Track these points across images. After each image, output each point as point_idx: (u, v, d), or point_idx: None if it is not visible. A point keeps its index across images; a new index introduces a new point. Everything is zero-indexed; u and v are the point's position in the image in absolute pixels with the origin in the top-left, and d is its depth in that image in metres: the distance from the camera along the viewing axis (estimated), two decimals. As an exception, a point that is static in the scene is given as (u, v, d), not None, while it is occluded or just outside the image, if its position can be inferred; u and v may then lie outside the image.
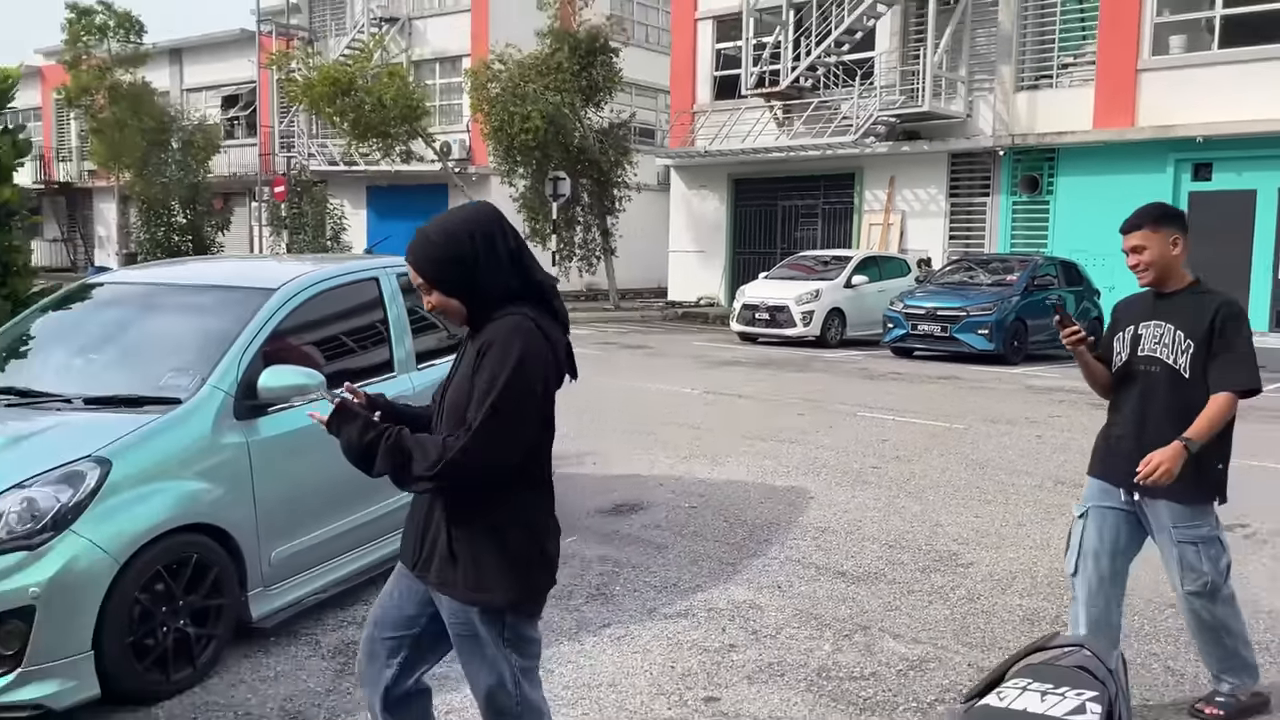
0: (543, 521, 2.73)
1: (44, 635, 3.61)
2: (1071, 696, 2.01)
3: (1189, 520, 3.75)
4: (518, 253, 2.67)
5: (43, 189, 38.70)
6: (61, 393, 4.49)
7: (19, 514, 3.68)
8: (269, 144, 33.67)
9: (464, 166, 28.46)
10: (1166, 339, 3.76)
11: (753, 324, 18.73)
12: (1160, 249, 3.75)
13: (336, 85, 23.96)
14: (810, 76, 23.44)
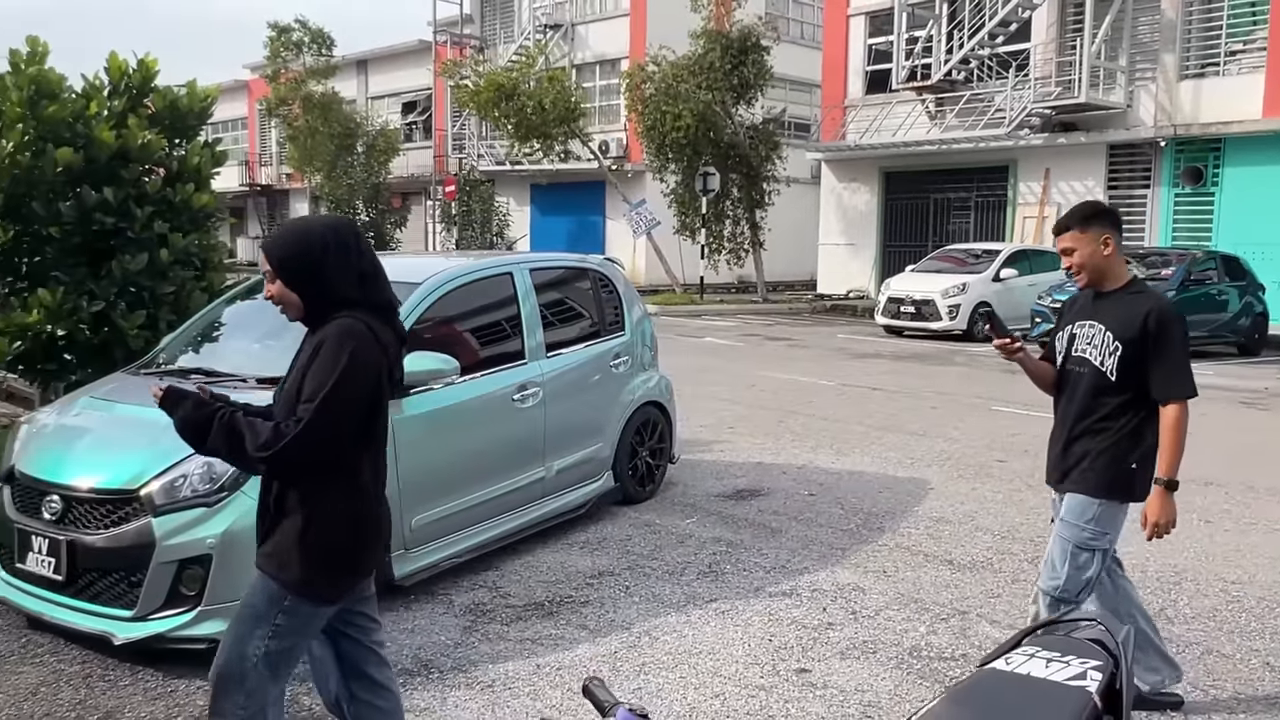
0: (357, 513, 2.79)
1: (218, 580, 4.10)
2: (1075, 665, 2.11)
3: (1078, 516, 3.56)
4: (371, 272, 2.78)
5: (247, 191, 41.55)
6: (239, 373, 5.02)
7: (200, 475, 4.20)
8: (443, 146, 35.14)
9: (620, 164, 28.99)
10: (1096, 340, 3.55)
11: (898, 317, 18.48)
12: (1090, 249, 3.54)
13: (501, 91, 24.85)
14: (963, 69, 22.88)
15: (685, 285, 26.04)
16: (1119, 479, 3.52)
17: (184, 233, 7.03)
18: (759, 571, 5.50)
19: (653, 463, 6.82)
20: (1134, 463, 3.52)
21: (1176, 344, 3.45)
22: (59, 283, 6.66)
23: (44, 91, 6.66)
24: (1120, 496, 3.56)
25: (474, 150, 33.80)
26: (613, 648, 4.46)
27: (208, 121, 7.87)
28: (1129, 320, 3.47)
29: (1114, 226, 3.57)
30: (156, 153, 7.00)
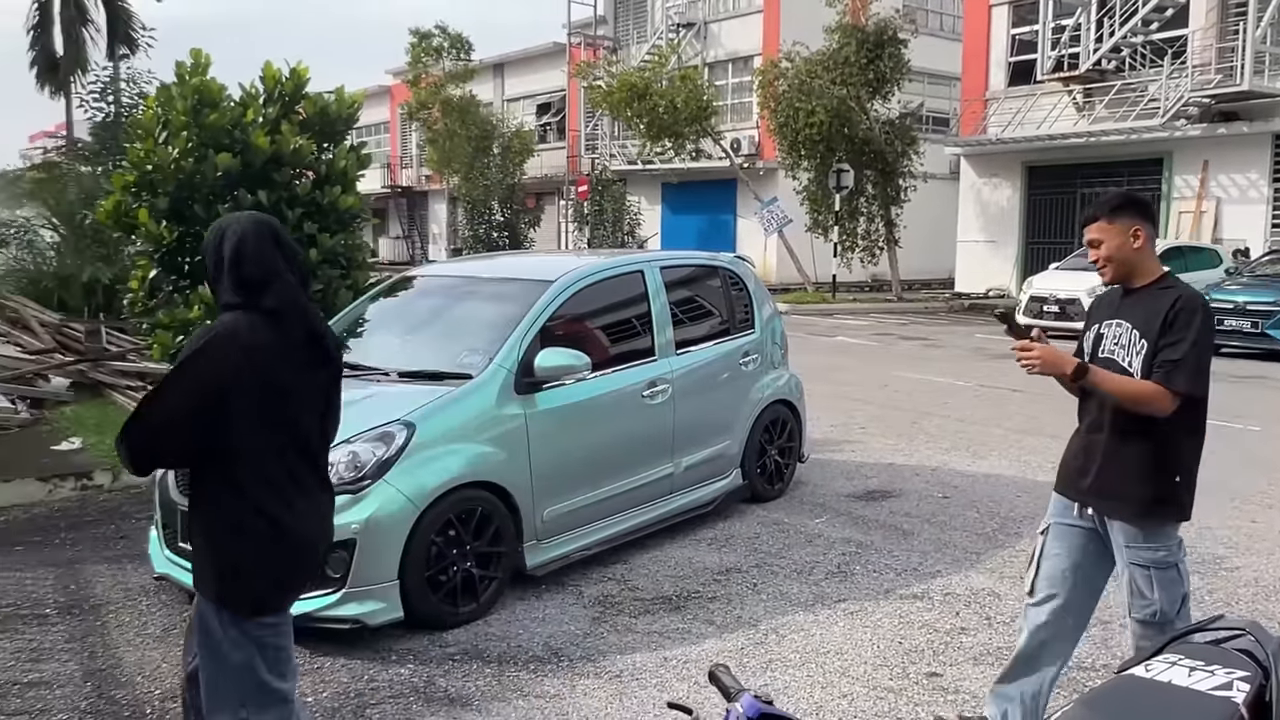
0: (241, 524, 2.66)
1: (362, 564, 4.31)
2: (1220, 674, 2.02)
3: (1140, 541, 3.23)
4: (259, 276, 2.65)
5: (388, 192, 43.07)
6: (382, 367, 5.25)
7: (346, 463, 4.41)
8: (576, 147, 35.68)
9: (752, 162, 28.86)
10: (1124, 340, 3.24)
11: (1040, 316, 17.76)
12: (1118, 242, 3.22)
13: (633, 90, 25.07)
14: (1113, 58, 21.91)
15: (817, 283, 25.75)
16: (1162, 496, 3.20)
17: (331, 233, 7.37)
18: (889, 573, 5.42)
19: (781, 461, 6.80)
20: (1177, 475, 3.20)
21: (1192, 335, 3.08)
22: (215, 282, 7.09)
23: (206, 100, 7.10)
24: (1174, 515, 3.25)
25: (606, 150, 34.21)
26: (739, 644, 4.48)
27: (354, 126, 8.24)
28: (1155, 315, 3.16)
29: (1145, 217, 3.27)
30: (307, 157, 7.36)
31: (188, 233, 7.15)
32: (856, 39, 23.47)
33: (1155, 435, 3.17)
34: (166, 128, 7.23)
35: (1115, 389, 3.15)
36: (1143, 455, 3.19)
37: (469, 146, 32.96)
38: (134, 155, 7.26)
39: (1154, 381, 3.09)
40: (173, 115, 7.14)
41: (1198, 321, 3.10)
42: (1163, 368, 3.09)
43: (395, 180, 43.79)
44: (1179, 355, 3.07)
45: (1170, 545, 3.23)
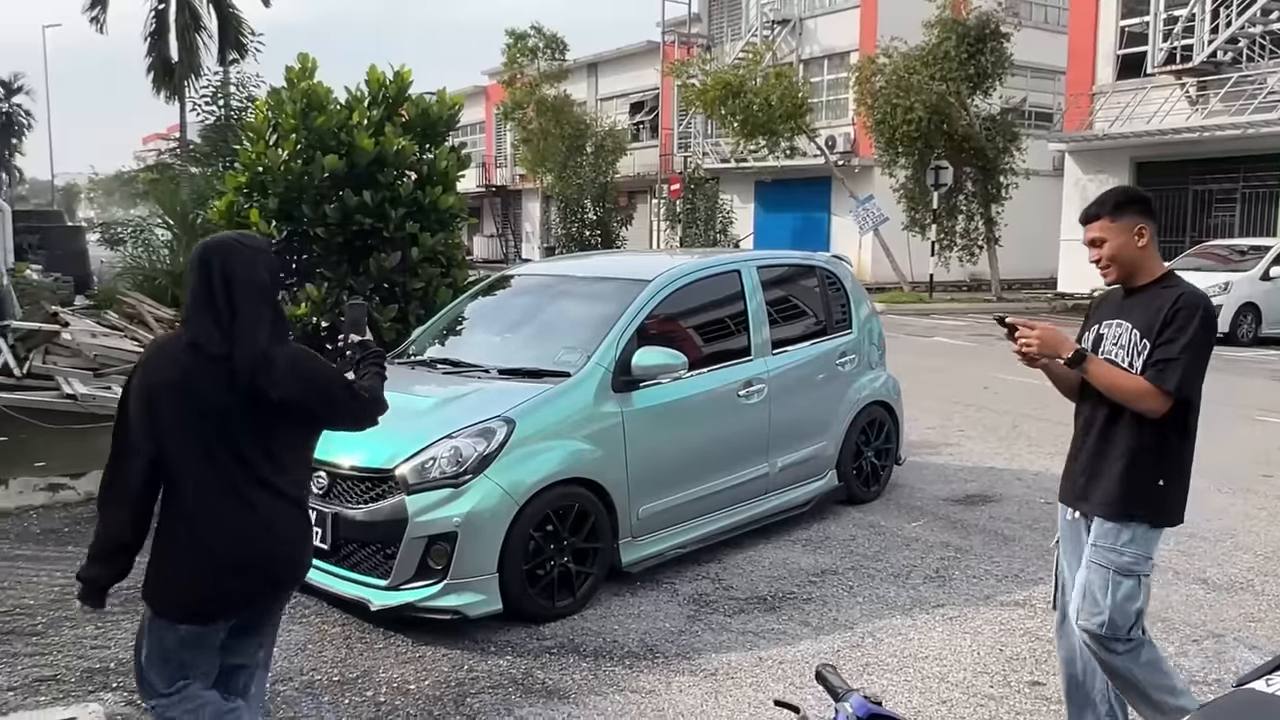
0: (163, 533, 2.77)
1: (463, 557, 4.42)
2: None
3: (1109, 541, 3.14)
4: (197, 297, 2.75)
5: (483, 191, 43.78)
6: (482, 364, 5.37)
7: (448, 458, 4.53)
8: (669, 145, 35.74)
9: (848, 159, 28.50)
10: (1124, 340, 3.15)
11: (1147, 318, 17.24)
12: (1122, 240, 3.13)
13: (727, 88, 24.98)
14: (1230, 49, 21.04)
15: (913, 283, 25.32)
16: (1146, 498, 3.12)
17: (432, 232, 7.54)
18: (990, 579, 5.33)
19: (878, 463, 6.73)
20: (1161, 479, 3.12)
21: (1188, 335, 3.00)
22: (324, 279, 7.31)
23: (314, 104, 7.34)
24: (1150, 519, 3.15)
25: (699, 148, 34.17)
26: (836, 645, 4.46)
27: (454, 128, 8.40)
28: (1155, 314, 3.07)
29: (1149, 215, 3.18)
30: (409, 158, 7.54)
31: (295, 232, 7.40)
32: (957, 33, 23.00)
33: (1143, 436, 3.10)
34: (276, 130, 7.49)
35: (1108, 382, 3.08)
36: (1127, 455, 3.12)
37: (562, 146, 33.26)
38: (245, 157, 7.54)
39: (1147, 379, 3.02)
40: (282, 118, 7.38)
41: (1196, 322, 3.01)
42: (1156, 365, 3.03)
43: (490, 179, 44.46)
44: (1173, 355, 3.00)
45: (1138, 553, 3.13)
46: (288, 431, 2.83)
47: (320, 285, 7.22)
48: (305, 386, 2.78)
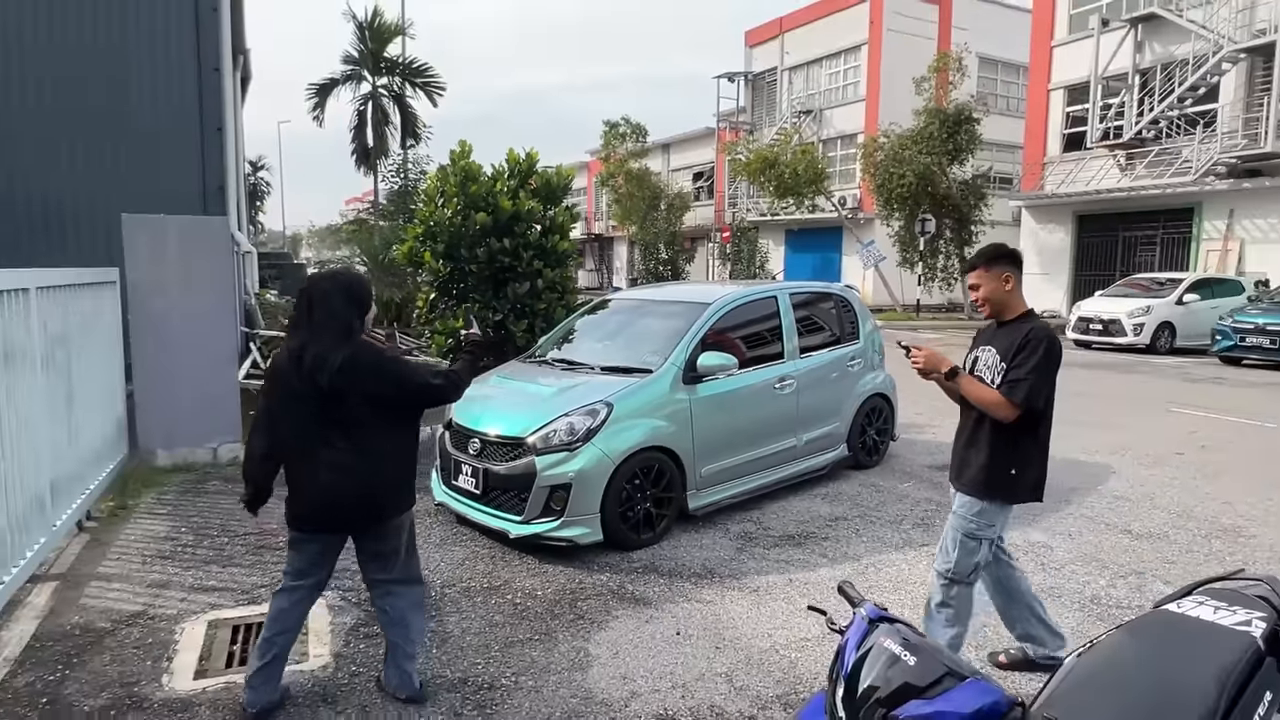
0: (289, 478, 2.96)
1: (575, 501, 4.49)
2: (1241, 613, 1.89)
3: (967, 510, 3.11)
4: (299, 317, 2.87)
5: (586, 238, 44.07)
6: (589, 363, 5.45)
7: (566, 430, 4.61)
8: (721, 203, 35.55)
9: (854, 214, 28.06)
10: (988, 362, 3.07)
11: (1087, 333, 16.60)
12: (993, 285, 3.07)
13: (765, 162, 24.79)
14: (1153, 129, 20.16)
15: (904, 305, 24.82)
16: (1000, 483, 3.06)
17: (551, 268, 7.66)
18: (962, 527, 5.23)
19: (878, 439, 6.64)
20: (1013, 469, 3.04)
21: (1035, 360, 2.92)
22: (475, 301, 7.49)
23: (469, 176, 7.52)
24: (1002, 498, 3.09)
25: (743, 205, 33.94)
26: (846, 572, 4.43)
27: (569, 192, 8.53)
28: (1013, 343, 3.00)
29: (1015, 265, 3.11)
30: (536, 214, 7.67)
31: (456, 267, 7.58)
32: (939, 119, 22.48)
33: (1000, 436, 3.03)
34: (443, 195, 7.69)
35: (973, 394, 3.02)
36: (987, 450, 3.05)
37: (643, 205, 33.33)
38: (421, 214, 7.76)
39: (1001, 393, 2.96)
40: (447, 187, 7.59)
41: (1042, 350, 2.93)
42: (1008, 383, 2.95)
43: (590, 229, 44.75)
44: (1020, 375, 2.93)
45: (984, 523, 3.10)
46: (350, 410, 2.80)
47: (473, 305, 7.39)
48: (364, 384, 2.78)
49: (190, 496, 5.78)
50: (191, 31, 9.53)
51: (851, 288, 7.06)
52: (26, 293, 4.26)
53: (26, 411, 4.24)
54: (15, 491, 4.05)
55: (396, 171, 20.51)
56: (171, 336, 6.42)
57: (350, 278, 2.95)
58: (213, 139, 9.78)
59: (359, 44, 21.29)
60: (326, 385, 2.76)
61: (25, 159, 8.96)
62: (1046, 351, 2.94)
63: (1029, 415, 2.96)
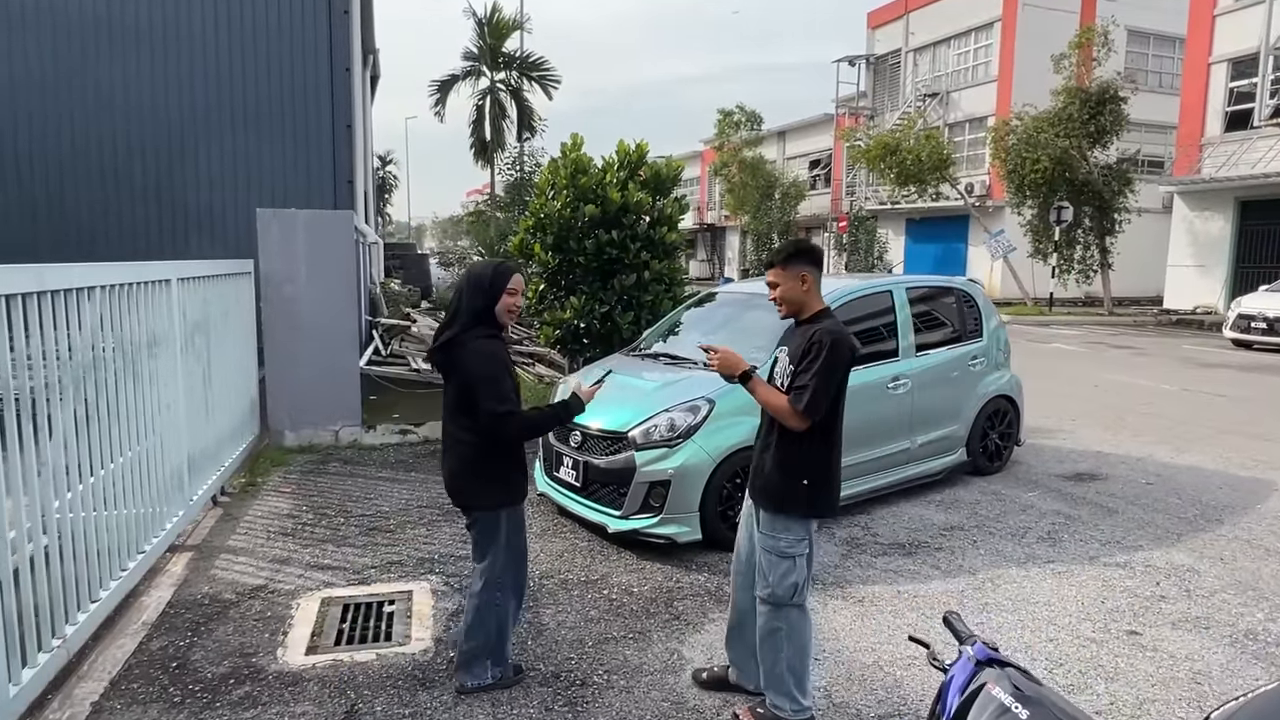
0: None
1: (674, 498, 4.44)
2: None
3: (770, 529, 2.87)
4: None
5: (697, 228, 43.93)
6: (692, 358, 5.36)
7: (666, 425, 4.55)
8: (838, 191, 34.54)
9: (982, 201, 26.55)
10: (783, 364, 2.86)
11: (1248, 332, 15.05)
12: (789, 284, 2.84)
13: (886, 149, 23.85)
14: (1336, 103, 17.98)
15: (1035, 299, 23.30)
16: (794, 495, 2.81)
17: (659, 260, 7.61)
18: (1094, 543, 4.83)
19: (1001, 444, 6.23)
20: (805, 479, 2.80)
21: (819, 365, 2.69)
22: (583, 293, 7.54)
23: (580, 169, 7.56)
24: (799, 511, 2.83)
25: (862, 194, 32.83)
26: (960, 587, 4.18)
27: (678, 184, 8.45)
28: (801, 345, 2.79)
29: (813, 264, 2.87)
30: (645, 206, 7.62)
31: (565, 260, 7.65)
32: (1080, 99, 20.89)
33: (792, 444, 2.77)
34: (554, 188, 7.77)
35: (763, 399, 2.82)
36: (780, 459, 2.83)
37: (757, 194, 32.88)
38: (533, 207, 7.87)
39: (788, 401, 2.74)
40: (558, 179, 7.66)
41: (825, 354, 2.70)
42: (795, 389, 2.75)
43: (702, 219, 44.55)
44: (803, 382, 2.72)
45: (790, 538, 2.85)
46: (451, 393, 2.98)
47: (580, 297, 7.44)
48: (460, 369, 2.92)
49: (312, 477, 6.11)
50: (325, 33, 10.07)
51: (975, 281, 6.65)
52: (168, 283, 4.60)
53: (169, 394, 4.59)
54: (157, 468, 4.39)
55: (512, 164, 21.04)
56: (299, 322, 6.81)
57: (481, 267, 3.06)
58: (343, 135, 10.32)
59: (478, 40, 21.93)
60: (434, 362, 2.99)
61: (176, 158, 9.74)
62: (829, 354, 2.71)
63: (821, 421, 2.77)
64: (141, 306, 4.21)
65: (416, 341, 10.89)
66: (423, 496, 5.61)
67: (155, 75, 9.66)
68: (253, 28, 9.87)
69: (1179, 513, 5.36)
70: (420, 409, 7.83)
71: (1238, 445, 7.17)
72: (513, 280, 3.00)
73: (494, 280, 2.98)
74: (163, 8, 9.64)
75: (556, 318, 7.54)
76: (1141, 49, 27.60)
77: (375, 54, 16.63)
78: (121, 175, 9.66)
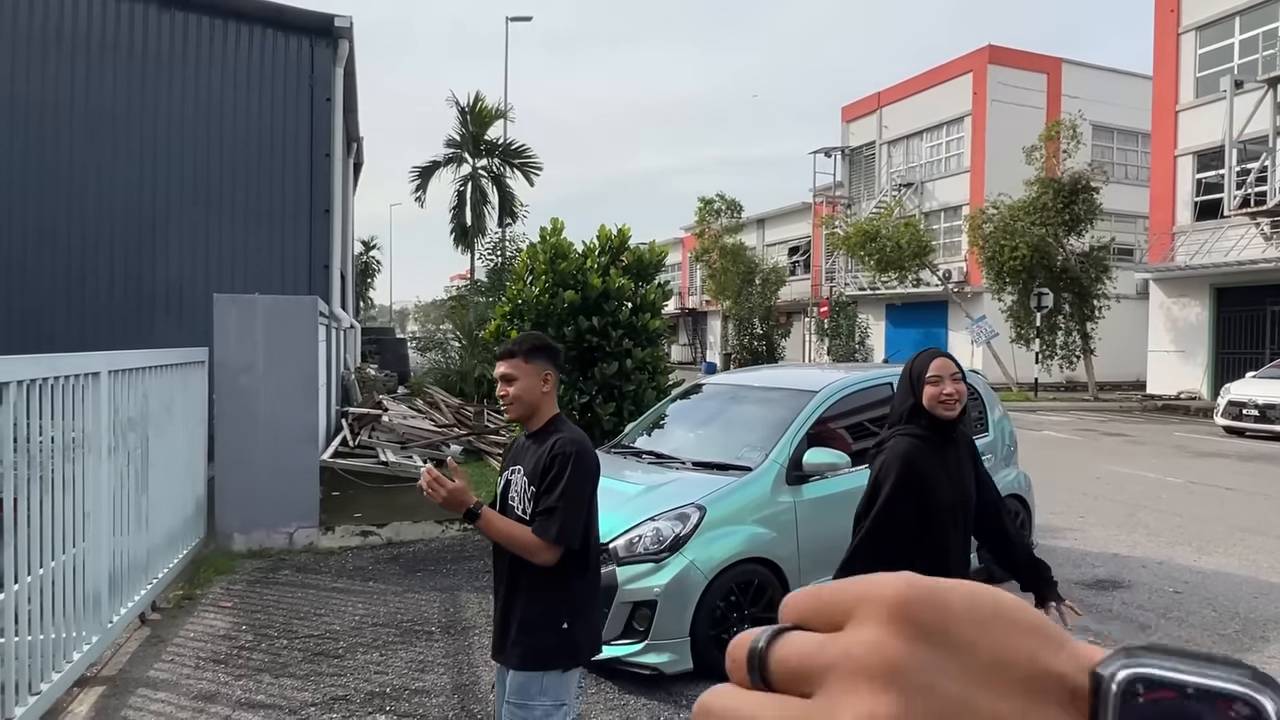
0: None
1: (661, 621, 3.91)
2: None
3: (523, 695, 2.28)
4: None
5: (679, 312, 44.12)
6: (679, 456, 4.93)
7: (651, 537, 4.07)
8: (818, 277, 34.89)
9: (961, 287, 26.82)
10: (519, 485, 2.39)
11: (1240, 419, 14.87)
12: (530, 383, 2.37)
13: (865, 235, 24.15)
14: (1302, 193, 18.43)
15: (1019, 384, 23.20)
16: (555, 645, 2.31)
17: (642, 347, 7.26)
18: (1131, 667, 4.30)
19: (1013, 547, 5.75)
20: (565, 622, 2.32)
21: (564, 483, 2.27)
22: (562, 382, 7.14)
23: (559, 253, 7.27)
24: (561, 664, 2.32)
25: (841, 279, 33.16)
26: None
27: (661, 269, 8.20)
28: (539, 460, 2.34)
29: (556, 364, 2.45)
30: (627, 292, 7.33)
31: (543, 347, 7.28)
32: (1053, 189, 21.36)
33: (546, 582, 2.27)
34: (532, 273, 7.47)
35: (502, 535, 2.29)
36: (534, 603, 2.32)
37: (738, 280, 33.09)
38: (510, 293, 7.55)
39: (534, 531, 2.27)
40: (536, 264, 7.37)
41: (570, 468, 2.29)
42: (540, 516, 2.29)
43: (684, 303, 44.81)
44: (549, 505, 2.28)
45: (549, 703, 2.29)
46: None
47: (559, 387, 7.04)
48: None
49: (259, 588, 5.51)
50: (306, 120, 9.93)
51: (976, 372, 6.31)
52: (97, 377, 4.13)
53: (90, 501, 4.05)
54: (68, 588, 3.82)
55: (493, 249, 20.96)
56: (254, 416, 6.31)
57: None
58: (320, 221, 10.06)
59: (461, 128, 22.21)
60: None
61: (147, 242, 9.39)
62: (576, 467, 2.30)
63: (574, 550, 2.31)
64: (63, 404, 3.73)
65: (388, 432, 10.37)
66: (379, 612, 5.02)
67: (129, 158, 9.41)
68: (233, 113, 9.72)
69: (1218, 629, 4.87)
70: (385, 507, 7.27)
71: (1261, 546, 6.74)
72: None
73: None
74: (141, 91, 9.48)
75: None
76: (1107, 143, 28.56)
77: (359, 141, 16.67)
78: (88, 261, 9.27)
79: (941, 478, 2.54)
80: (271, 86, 9.82)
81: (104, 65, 9.35)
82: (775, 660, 0.29)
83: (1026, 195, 21.88)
